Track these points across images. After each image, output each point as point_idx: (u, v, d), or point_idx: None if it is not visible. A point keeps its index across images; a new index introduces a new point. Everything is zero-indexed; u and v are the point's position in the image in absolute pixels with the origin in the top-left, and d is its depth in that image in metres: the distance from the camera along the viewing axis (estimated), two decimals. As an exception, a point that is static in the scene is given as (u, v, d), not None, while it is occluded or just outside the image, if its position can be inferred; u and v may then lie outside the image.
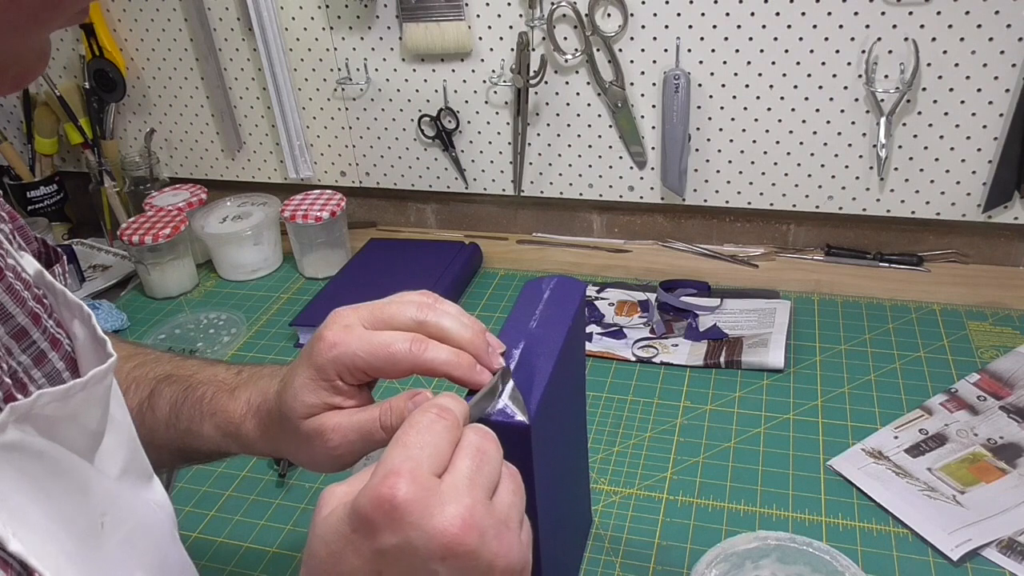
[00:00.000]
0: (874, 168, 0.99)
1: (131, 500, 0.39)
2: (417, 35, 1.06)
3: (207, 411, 0.51)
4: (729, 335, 0.92)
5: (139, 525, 0.38)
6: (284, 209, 1.11)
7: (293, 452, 0.48)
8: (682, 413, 0.82)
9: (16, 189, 1.27)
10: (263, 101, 1.20)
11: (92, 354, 0.40)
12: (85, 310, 0.40)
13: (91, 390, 0.36)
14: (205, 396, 0.52)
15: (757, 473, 0.74)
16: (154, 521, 0.41)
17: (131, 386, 0.55)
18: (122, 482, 0.40)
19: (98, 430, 0.38)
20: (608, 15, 0.99)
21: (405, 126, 1.16)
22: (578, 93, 1.06)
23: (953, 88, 0.93)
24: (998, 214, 0.98)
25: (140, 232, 1.07)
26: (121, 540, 0.37)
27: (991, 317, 0.92)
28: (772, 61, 0.97)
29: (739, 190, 1.06)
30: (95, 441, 0.38)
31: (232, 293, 1.12)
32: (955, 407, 0.79)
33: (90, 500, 0.35)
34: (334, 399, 0.46)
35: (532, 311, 0.53)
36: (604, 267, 1.10)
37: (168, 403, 0.53)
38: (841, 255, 1.05)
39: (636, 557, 0.66)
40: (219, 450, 0.52)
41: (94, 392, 0.37)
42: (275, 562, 0.69)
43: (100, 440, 0.39)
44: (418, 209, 1.24)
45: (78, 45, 1.23)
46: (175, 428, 0.52)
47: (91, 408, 0.37)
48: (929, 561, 0.64)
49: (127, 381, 0.55)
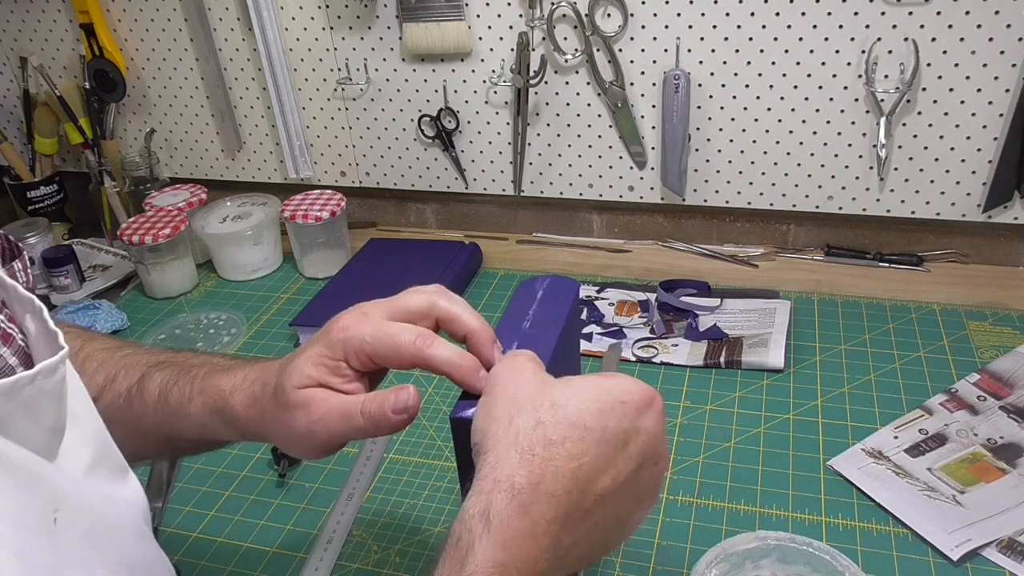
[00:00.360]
0: (874, 168, 0.99)
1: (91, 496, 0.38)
2: (417, 35, 1.06)
3: (197, 388, 0.52)
4: (729, 335, 0.92)
5: (100, 522, 0.38)
6: (284, 209, 1.11)
7: (272, 426, 0.49)
8: (682, 413, 0.82)
9: (16, 189, 1.27)
10: (263, 101, 1.20)
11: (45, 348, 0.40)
12: (37, 303, 0.40)
13: (40, 383, 0.36)
14: (197, 376, 0.52)
15: (757, 473, 0.74)
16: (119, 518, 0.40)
17: (120, 372, 0.55)
18: (90, 479, 0.40)
19: (56, 426, 0.38)
20: (608, 15, 0.99)
21: (405, 126, 1.16)
22: (578, 93, 1.06)
23: (953, 88, 0.93)
24: (998, 214, 0.98)
25: (140, 232, 1.07)
26: (79, 537, 0.36)
27: (991, 317, 0.92)
28: (772, 61, 0.97)
29: (739, 190, 1.06)
30: (55, 437, 0.38)
31: (232, 293, 1.12)
32: (955, 407, 0.79)
33: (40, 496, 0.34)
34: (332, 379, 0.47)
35: (526, 311, 0.53)
36: (604, 267, 1.10)
37: (158, 386, 0.53)
38: (841, 255, 1.05)
39: (636, 557, 0.66)
40: (203, 434, 0.53)
41: (44, 385, 0.36)
42: (275, 562, 0.69)
43: (61, 436, 0.38)
44: (418, 209, 1.24)
45: (78, 45, 1.23)
46: (163, 411, 0.52)
47: (44, 402, 0.37)
48: (929, 561, 0.64)
49: (117, 367, 0.55)
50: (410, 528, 0.71)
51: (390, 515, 0.73)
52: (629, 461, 0.42)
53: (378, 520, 0.73)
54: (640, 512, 0.45)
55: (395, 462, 0.79)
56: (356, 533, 0.71)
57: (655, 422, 0.44)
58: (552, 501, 0.39)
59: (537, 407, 0.41)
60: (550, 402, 0.41)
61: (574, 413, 0.41)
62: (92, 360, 0.56)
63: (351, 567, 0.68)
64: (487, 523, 0.38)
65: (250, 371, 0.51)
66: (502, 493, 0.39)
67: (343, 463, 0.79)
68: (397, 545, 0.70)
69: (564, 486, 0.40)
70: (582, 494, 0.40)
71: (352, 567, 0.68)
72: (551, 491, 0.39)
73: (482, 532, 0.38)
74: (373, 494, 0.75)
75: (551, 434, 0.40)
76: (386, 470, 0.78)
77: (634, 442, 0.42)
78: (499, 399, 0.43)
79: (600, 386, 0.43)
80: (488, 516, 0.38)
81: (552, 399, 0.41)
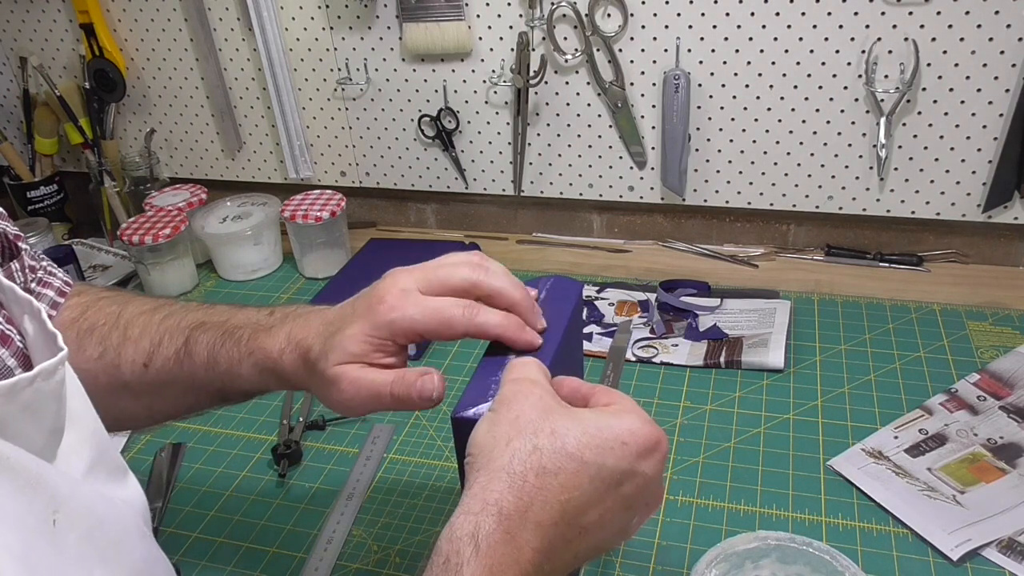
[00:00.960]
0: (874, 168, 0.99)
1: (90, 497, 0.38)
2: (417, 35, 1.06)
3: (245, 351, 0.53)
4: (729, 335, 0.92)
5: (99, 523, 0.38)
6: (284, 209, 1.11)
7: (314, 389, 0.52)
8: (682, 413, 0.82)
9: (16, 189, 1.27)
10: (263, 101, 1.20)
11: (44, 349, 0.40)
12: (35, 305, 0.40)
13: (40, 385, 0.36)
14: (243, 338, 0.53)
15: (757, 473, 0.74)
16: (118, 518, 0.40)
17: (164, 337, 0.56)
18: (89, 480, 0.40)
19: (56, 427, 0.38)
20: (608, 15, 0.99)
21: (405, 126, 1.16)
22: (578, 93, 1.06)
23: (953, 88, 0.93)
24: (998, 214, 0.98)
25: (140, 232, 1.07)
26: (78, 538, 0.36)
27: (991, 317, 0.92)
28: (772, 61, 0.97)
29: (739, 190, 1.06)
30: (54, 438, 0.38)
31: (232, 293, 1.12)
32: (955, 407, 0.79)
33: (40, 497, 0.35)
34: (374, 355, 0.49)
35: None
36: (604, 267, 1.10)
37: (206, 348, 0.54)
38: (841, 255, 1.06)
39: (636, 557, 0.66)
40: (257, 388, 0.55)
41: (43, 387, 0.36)
42: (275, 562, 0.69)
43: (60, 437, 0.38)
44: (418, 209, 1.24)
45: (78, 45, 1.23)
46: (214, 371, 0.54)
47: (44, 404, 0.37)
48: (929, 561, 0.64)
49: (159, 333, 0.56)
50: (410, 528, 0.71)
51: (390, 515, 0.73)
52: (620, 501, 0.42)
53: (378, 520, 0.73)
54: (618, 544, 0.46)
55: (395, 462, 0.79)
56: (356, 533, 0.71)
57: (655, 466, 0.43)
58: (538, 531, 0.39)
59: (537, 432, 0.41)
60: (551, 429, 0.41)
61: (573, 445, 0.41)
62: (134, 326, 0.57)
63: (351, 567, 0.68)
64: (476, 547, 0.38)
65: (292, 328, 0.52)
66: (490, 517, 0.39)
67: (343, 463, 0.79)
68: (397, 545, 0.70)
69: (552, 517, 0.40)
70: (568, 527, 0.41)
71: (352, 567, 0.68)
72: (538, 520, 0.39)
73: (471, 556, 0.38)
74: (373, 494, 0.75)
75: (546, 462, 0.40)
76: (386, 470, 0.78)
77: (629, 483, 0.42)
78: (503, 418, 0.43)
79: (605, 422, 0.42)
80: (477, 539, 0.38)
81: (554, 427, 0.41)
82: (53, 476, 0.36)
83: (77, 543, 0.36)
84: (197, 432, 0.85)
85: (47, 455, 0.37)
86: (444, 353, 0.93)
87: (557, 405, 0.43)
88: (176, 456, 0.82)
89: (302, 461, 0.80)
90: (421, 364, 0.92)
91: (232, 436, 0.84)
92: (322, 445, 0.82)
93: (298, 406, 0.87)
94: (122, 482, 0.44)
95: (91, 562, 0.37)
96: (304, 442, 0.82)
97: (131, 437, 0.85)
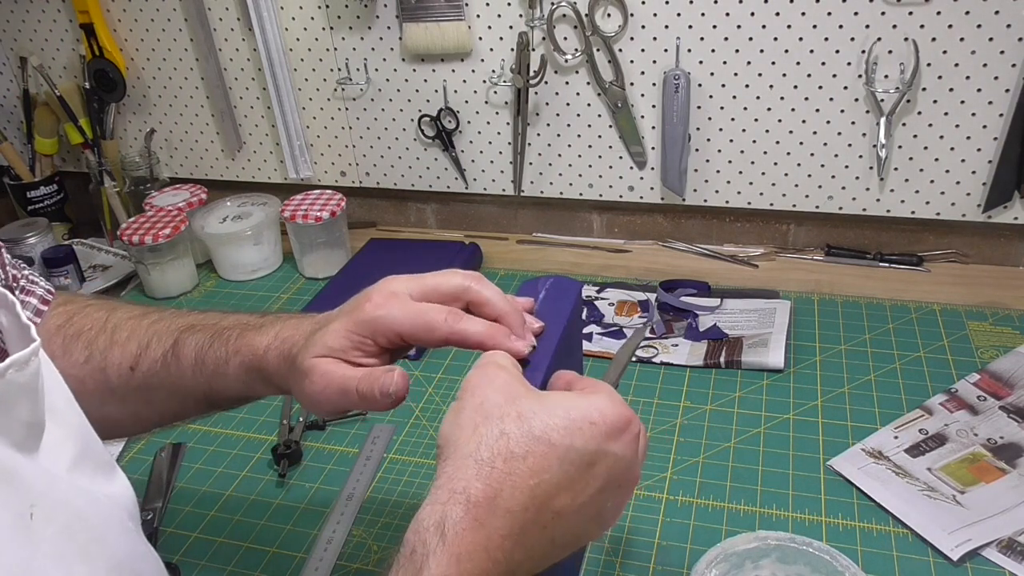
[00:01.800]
0: (874, 168, 0.99)
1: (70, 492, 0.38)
2: (417, 35, 1.06)
3: (232, 350, 0.53)
4: (729, 335, 0.92)
5: (79, 517, 0.38)
6: (284, 209, 1.11)
7: (291, 383, 0.51)
8: (682, 413, 0.82)
9: (16, 189, 1.27)
10: (263, 101, 1.20)
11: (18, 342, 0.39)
12: (9, 298, 0.40)
13: (12, 377, 0.35)
14: (230, 338, 0.53)
15: (757, 473, 0.74)
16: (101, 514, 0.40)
17: (152, 339, 0.56)
18: (74, 475, 0.40)
19: (34, 421, 0.38)
20: (608, 15, 0.99)
21: (405, 126, 1.16)
22: (578, 93, 1.06)
23: (953, 88, 0.93)
24: (998, 214, 0.98)
25: (140, 232, 1.07)
26: (56, 533, 0.36)
27: (991, 317, 0.92)
28: (772, 61, 0.97)
29: (739, 190, 1.06)
30: (32, 432, 0.38)
31: (232, 293, 1.12)
32: (955, 407, 0.79)
33: (17, 492, 0.34)
34: (353, 352, 0.48)
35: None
36: (604, 267, 1.10)
37: (193, 350, 0.54)
38: (841, 255, 1.05)
39: (636, 557, 0.66)
40: (244, 392, 0.54)
41: (16, 379, 0.36)
42: (275, 562, 0.69)
43: (40, 432, 0.38)
44: (418, 209, 1.24)
45: (78, 45, 1.23)
46: (201, 373, 0.54)
47: (16, 396, 0.36)
48: (929, 561, 0.64)
49: (148, 335, 0.56)
50: (410, 528, 0.71)
51: (390, 515, 0.73)
52: (591, 482, 0.42)
53: (378, 520, 0.73)
54: (598, 531, 0.45)
55: (395, 462, 0.79)
56: (356, 533, 0.71)
57: (626, 446, 0.43)
58: (508, 516, 0.39)
59: (503, 417, 0.41)
60: (517, 413, 0.41)
61: (539, 427, 0.40)
62: (121, 329, 0.57)
63: (351, 567, 0.68)
64: (442, 536, 0.38)
65: (283, 329, 0.52)
66: (458, 505, 0.38)
67: (343, 463, 0.79)
68: (397, 545, 0.70)
69: (521, 502, 0.39)
70: (538, 511, 0.40)
71: (352, 567, 0.68)
72: (507, 506, 0.39)
73: (437, 545, 0.38)
74: (373, 494, 0.75)
75: (514, 447, 0.40)
76: (386, 470, 0.78)
77: (600, 464, 0.42)
78: (467, 405, 0.42)
79: (572, 403, 0.42)
80: (443, 529, 0.38)
81: (520, 410, 0.41)
82: (31, 470, 0.36)
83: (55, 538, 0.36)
84: (197, 432, 0.85)
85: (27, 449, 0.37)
86: (444, 353, 0.93)
87: (524, 389, 0.43)
88: (176, 456, 0.82)
89: (302, 461, 0.80)
90: (421, 365, 0.92)
91: (232, 436, 0.84)
92: (322, 445, 0.82)
93: (298, 406, 0.87)
94: (109, 477, 0.44)
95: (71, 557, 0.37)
96: (304, 442, 0.82)
97: (130, 438, 0.85)
